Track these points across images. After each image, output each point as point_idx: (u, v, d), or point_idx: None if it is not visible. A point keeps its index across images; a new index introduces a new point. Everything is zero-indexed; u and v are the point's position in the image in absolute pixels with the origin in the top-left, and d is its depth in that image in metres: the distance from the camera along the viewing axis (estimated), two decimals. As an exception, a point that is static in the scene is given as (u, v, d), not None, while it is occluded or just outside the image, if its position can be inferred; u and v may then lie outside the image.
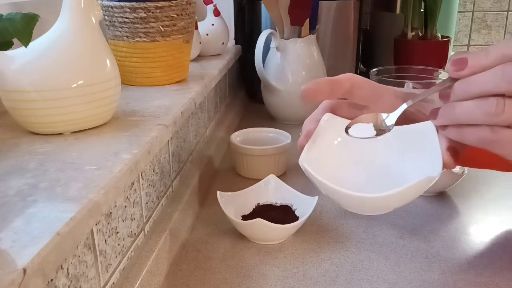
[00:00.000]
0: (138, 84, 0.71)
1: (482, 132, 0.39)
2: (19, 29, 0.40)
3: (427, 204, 0.70)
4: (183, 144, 0.71)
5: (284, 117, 1.09)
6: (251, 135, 0.86)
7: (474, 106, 0.38)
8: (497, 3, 1.70)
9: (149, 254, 0.51)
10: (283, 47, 1.04)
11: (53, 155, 0.43)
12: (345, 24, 1.16)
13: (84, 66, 0.48)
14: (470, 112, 0.38)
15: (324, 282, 0.53)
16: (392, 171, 0.48)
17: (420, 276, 0.54)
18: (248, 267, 0.56)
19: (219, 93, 1.01)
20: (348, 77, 0.50)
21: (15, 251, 0.28)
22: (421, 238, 0.61)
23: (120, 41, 0.70)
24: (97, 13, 0.51)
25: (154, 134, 0.49)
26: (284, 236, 0.61)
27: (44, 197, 0.35)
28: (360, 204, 0.43)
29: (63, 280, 0.34)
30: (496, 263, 0.56)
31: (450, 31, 1.53)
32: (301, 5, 1.01)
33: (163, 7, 0.68)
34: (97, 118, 0.51)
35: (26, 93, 0.46)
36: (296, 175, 0.82)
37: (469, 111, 0.38)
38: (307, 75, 1.04)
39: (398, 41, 1.31)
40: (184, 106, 0.61)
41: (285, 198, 0.67)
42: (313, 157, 0.46)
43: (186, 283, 0.54)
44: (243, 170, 0.81)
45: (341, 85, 0.49)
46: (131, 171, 0.42)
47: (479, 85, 0.37)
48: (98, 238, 0.41)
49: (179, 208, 0.62)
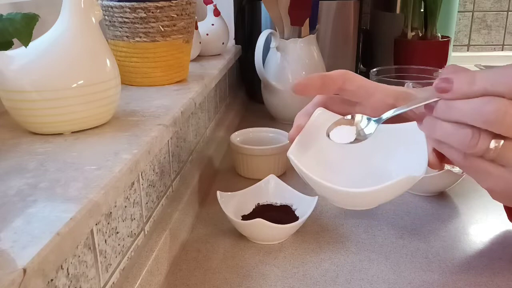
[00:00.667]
0: (138, 84, 0.71)
1: (456, 156, 0.40)
2: (19, 29, 0.40)
3: (427, 204, 0.70)
4: (183, 144, 0.71)
5: (284, 117, 1.09)
6: (251, 135, 0.86)
7: (451, 131, 0.38)
8: (497, 3, 1.70)
9: (149, 254, 0.51)
10: (283, 47, 1.04)
11: (53, 155, 0.43)
12: (345, 24, 1.16)
13: (84, 66, 0.48)
14: (447, 135, 0.39)
15: (324, 282, 0.53)
16: (379, 167, 0.49)
17: (420, 276, 0.54)
18: (248, 267, 0.56)
19: (219, 93, 1.01)
20: (340, 73, 0.50)
21: (15, 251, 0.28)
22: (421, 238, 0.61)
23: (120, 41, 0.70)
24: (97, 13, 0.51)
25: (154, 134, 0.49)
26: (284, 236, 0.61)
27: (44, 197, 0.35)
28: (343, 198, 0.44)
29: (63, 280, 0.34)
30: (496, 263, 0.56)
31: (450, 31, 1.53)
32: (301, 5, 1.01)
33: (163, 7, 0.68)
34: (97, 118, 0.51)
35: (26, 93, 0.46)
36: (296, 175, 0.81)
37: (446, 134, 0.39)
38: (307, 75, 1.04)
39: (398, 41, 1.31)
40: (184, 106, 0.61)
41: (285, 198, 0.67)
42: (303, 150, 0.46)
43: (186, 283, 0.54)
44: (243, 170, 0.81)
45: (334, 80, 0.50)
46: (131, 171, 0.42)
47: (458, 112, 0.38)
48: (98, 238, 0.41)
49: (179, 208, 0.62)
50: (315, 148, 0.49)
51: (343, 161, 0.49)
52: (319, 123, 0.49)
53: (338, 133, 0.46)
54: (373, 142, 0.46)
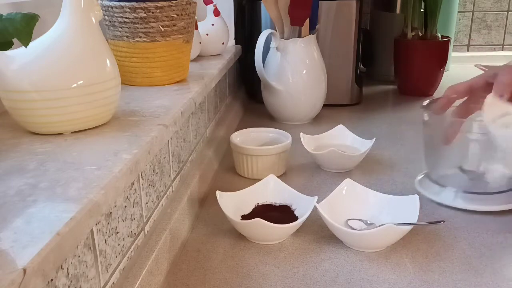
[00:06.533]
0: (138, 84, 0.71)
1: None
2: (19, 29, 0.40)
3: (427, 204, 0.70)
4: (183, 144, 0.71)
5: (284, 117, 1.09)
6: (251, 135, 0.86)
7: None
8: (497, 3, 1.70)
9: (149, 254, 0.51)
10: (283, 47, 1.04)
11: (53, 155, 0.43)
12: (345, 24, 1.16)
13: (84, 66, 0.48)
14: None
15: (324, 282, 0.53)
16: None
17: (420, 276, 0.54)
18: (248, 267, 0.56)
19: (219, 93, 1.01)
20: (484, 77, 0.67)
21: (15, 251, 0.28)
22: (421, 238, 0.61)
23: (120, 41, 0.70)
24: (97, 13, 0.51)
25: (154, 134, 0.49)
26: (284, 236, 0.61)
27: (44, 197, 0.35)
28: (346, 236, 0.59)
29: (63, 280, 0.34)
30: (496, 263, 0.56)
31: (450, 31, 1.53)
32: (301, 5, 1.01)
33: (163, 7, 0.68)
34: (97, 118, 0.51)
35: (26, 93, 0.46)
36: (296, 175, 0.82)
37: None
38: (307, 75, 1.04)
39: (398, 41, 1.31)
40: (184, 106, 0.61)
41: (284, 198, 0.67)
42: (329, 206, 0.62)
43: (186, 283, 0.54)
44: (243, 170, 0.81)
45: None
46: (131, 171, 0.42)
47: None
48: (98, 238, 0.41)
49: (179, 208, 0.62)
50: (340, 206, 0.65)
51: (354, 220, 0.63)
52: (347, 192, 0.66)
53: (354, 222, 0.63)
54: (380, 211, 0.64)
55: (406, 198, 0.64)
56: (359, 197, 0.65)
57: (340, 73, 1.19)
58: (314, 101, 1.07)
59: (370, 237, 0.58)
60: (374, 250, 0.59)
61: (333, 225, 0.58)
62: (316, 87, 1.06)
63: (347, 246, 0.60)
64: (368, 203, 0.65)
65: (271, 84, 1.05)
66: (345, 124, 0.90)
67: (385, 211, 0.63)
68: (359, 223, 0.62)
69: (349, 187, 0.66)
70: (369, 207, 0.64)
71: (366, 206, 0.65)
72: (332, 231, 0.60)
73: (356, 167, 0.84)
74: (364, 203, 0.65)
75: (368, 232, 0.57)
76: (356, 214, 0.64)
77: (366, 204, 0.65)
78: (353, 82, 1.20)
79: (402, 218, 0.60)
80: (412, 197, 0.63)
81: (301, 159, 0.87)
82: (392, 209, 0.63)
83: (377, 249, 0.59)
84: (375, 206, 0.64)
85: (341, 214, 0.63)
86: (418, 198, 0.62)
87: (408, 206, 0.61)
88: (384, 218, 0.62)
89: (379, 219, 0.62)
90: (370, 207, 0.64)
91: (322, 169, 0.84)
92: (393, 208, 0.63)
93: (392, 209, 0.63)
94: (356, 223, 0.62)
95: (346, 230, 0.58)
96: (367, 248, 0.59)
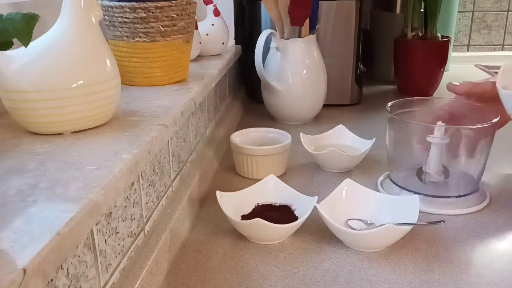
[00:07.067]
0: (138, 84, 0.71)
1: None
2: (19, 29, 0.40)
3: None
4: (183, 144, 0.71)
5: (284, 117, 1.09)
6: (251, 135, 0.86)
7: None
8: (497, 3, 1.70)
9: (149, 254, 0.51)
10: (283, 47, 1.04)
11: (53, 155, 0.43)
12: (345, 24, 1.16)
13: (84, 66, 0.48)
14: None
15: (324, 282, 0.53)
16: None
17: (420, 276, 0.54)
18: (248, 267, 0.56)
19: (219, 93, 1.01)
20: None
21: (15, 251, 0.28)
22: (421, 238, 0.61)
23: (120, 41, 0.70)
24: (97, 13, 0.51)
25: (154, 134, 0.49)
26: (284, 236, 0.62)
27: (44, 197, 0.35)
28: (346, 236, 0.60)
29: (63, 280, 0.35)
30: (496, 263, 0.56)
31: (450, 31, 1.53)
32: (301, 5, 1.01)
33: (163, 7, 0.68)
34: (97, 118, 0.51)
35: (26, 93, 0.46)
36: (296, 175, 0.82)
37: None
38: (307, 75, 1.04)
39: (398, 41, 1.31)
40: (184, 106, 0.61)
41: (284, 198, 0.67)
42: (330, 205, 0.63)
43: (186, 283, 0.54)
44: (243, 170, 0.81)
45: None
46: (131, 171, 0.42)
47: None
48: (98, 238, 0.41)
49: (179, 208, 0.62)
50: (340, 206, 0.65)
51: (354, 219, 0.64)
52: (347, 192, 0.66)
53: (354, 222, 0.63)
54: (380, 211, 0.64)
55: (406, 198, 0.64)
56: (359, 197, 0.65)
57: (340, 73, 1.19)
58: (314, 101, 1.07)
59: (370, 237, 0.58)
60: (374, 250, 0.59)
61: (333, 225, 0.58)
62: (316, 87, 1.06)
63: (347, 246, 0.60)
64: (368, 203, 0.65)
65: (271, 84, 1.05)
66: (345, 124, 0.90)
67: (385, 211, 0.63)
68: (359, 223, 0.62)
69: (349, 187, 0.66)
70: (369, 207, 0.64)
71: (366, 206, 0.65)
72: (332, 231, 0.60)
73: (356, 167, 0.84)
74: (364, 203, 0.65)
75: (368, 232, 0.57)
76: (356, 214, 0.64)
77: (366, 204, 0.65)
78: (353, 82, 1.20)
79: (402, 218, 0.60)
80: (412, 197, 0.63)
81: (301, 159, 0.87)
82: (392, 209, 0.63)
83: (377, 249, 0.59)
84: (375, 206, 0.64)
85: (341, 214, 0.63)
86: (418, 198, 0.62)
87: (408, 206, 0.61)
88: (384, 218, 0.62)
89: (379, 219, 0.62)
90: (370, 207, 0.64)
91: (322, 169, 0.84)
92: (393, 208, 0.63)
93: (392, 209, 0.63)
94: (356, 223, 0.62)
95: (346, 230, 0.58)
96: (367, 248, 0.59)
